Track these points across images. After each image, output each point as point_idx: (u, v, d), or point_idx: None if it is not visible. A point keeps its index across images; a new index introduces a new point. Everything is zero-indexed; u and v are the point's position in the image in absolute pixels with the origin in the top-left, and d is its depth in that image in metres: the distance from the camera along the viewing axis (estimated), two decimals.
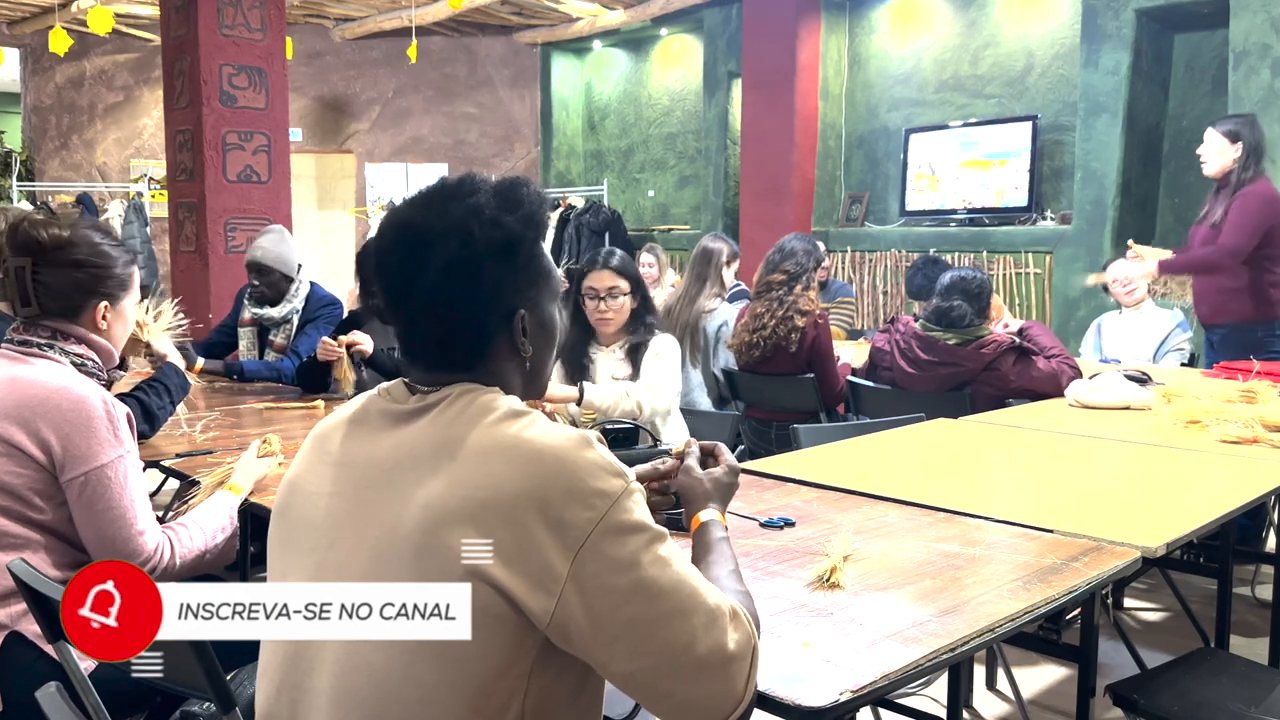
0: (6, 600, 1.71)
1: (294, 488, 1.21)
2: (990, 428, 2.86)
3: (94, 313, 1.92)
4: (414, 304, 1.16)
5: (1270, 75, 5.45)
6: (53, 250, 1.87)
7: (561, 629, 1.03)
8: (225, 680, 1.27)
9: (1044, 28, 6.84)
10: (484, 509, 1.04)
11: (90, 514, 1.75)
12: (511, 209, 1.18)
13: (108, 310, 1.94)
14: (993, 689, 2.95)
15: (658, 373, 3.03)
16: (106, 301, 1.94)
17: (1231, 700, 1.90)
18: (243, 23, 5.31)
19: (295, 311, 3.86)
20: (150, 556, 1.78)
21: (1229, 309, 4.11)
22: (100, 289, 1.92)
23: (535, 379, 1.25)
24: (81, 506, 1.75)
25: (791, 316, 3.81)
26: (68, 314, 1.90)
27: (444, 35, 9.43)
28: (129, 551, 1.76)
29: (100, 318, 1.93)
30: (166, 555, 1.81)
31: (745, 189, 7.84)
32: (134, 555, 1.76)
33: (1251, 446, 2.53)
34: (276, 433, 2.38)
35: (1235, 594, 2.74)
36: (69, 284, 1.89)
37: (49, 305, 1.88)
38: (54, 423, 1.74)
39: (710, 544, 1.30)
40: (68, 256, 1.88)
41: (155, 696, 1.84)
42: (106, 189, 9.08)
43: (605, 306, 3.05)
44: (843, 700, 1.17)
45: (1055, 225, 6.60)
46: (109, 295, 1.94)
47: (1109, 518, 1.88)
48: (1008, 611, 1.41)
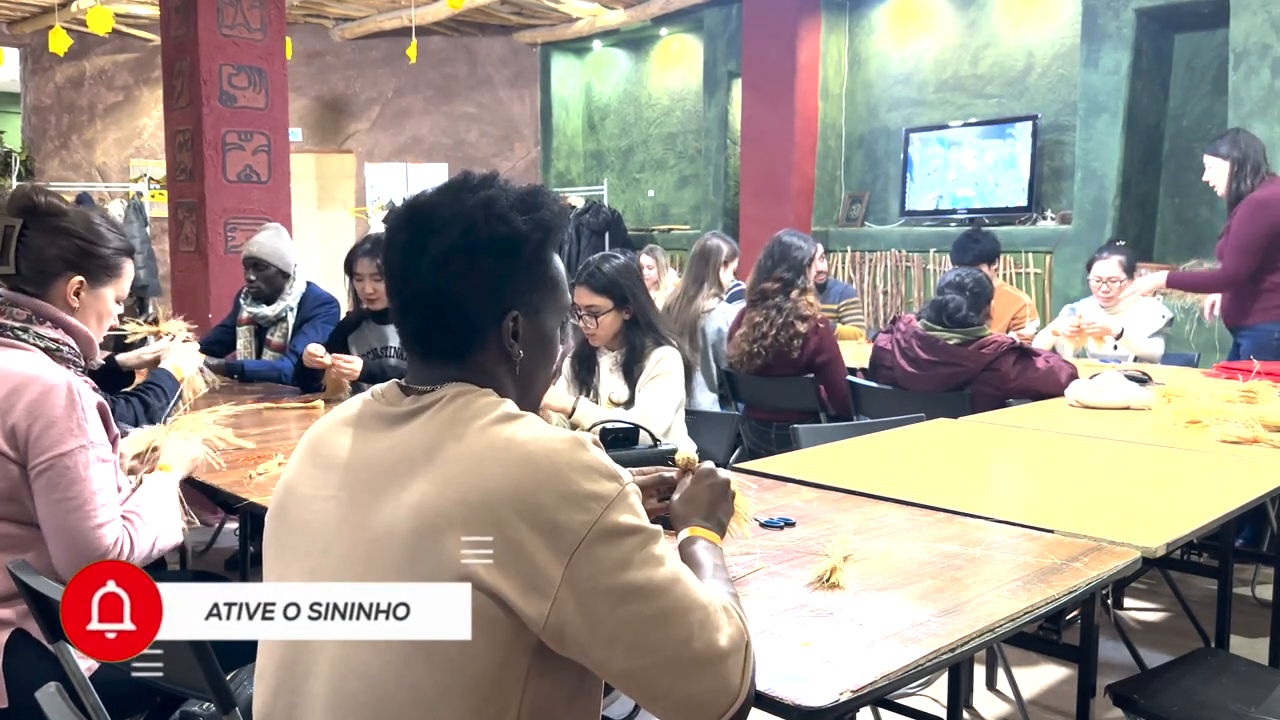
0: (11, 599, 1.71)
1: (289, 491, 1.21)
2: (990, 428, 2.86)
3: (66, 286, 1.87)
4: (410, 286, 1.16)
5: (1270, 75, 5.45)
6: (45, 215, 1.86)
7: (556, 632, 1.03)
8: (225, 680, 1.27)
9: (1044, 28, 6.84)
10: (476, 512, 1.03)
11: (48, 502, 1.71)
12: (525, 210, 1.17)
13: (83, 288, 1.89)
14: (993, 689, 2.95)
15: (653, 400, 2.88)
16: (84, 278, 1.89)
17: (1231, 700, 1.90)
18: (243, 23, 5.30)
19: (290, 310, 3.85)
20: (108, 550, 1.72)
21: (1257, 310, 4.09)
22: (81, 264, 1.88)
23: (528, 389, 1.23)
24: (41, 495, 1.71)
25: (792, 323, 3.78)
26: (41, 282, 1.86)
27: (444, 35, 9.43)
28: (86, 544, 1.71)
29: (72, 293, 1.88)
30: (126, 549, 1.76)
31: (745, 189, 7.84)
32: (91, 547, 1.71)
33: (1251, 446, 2.53)
34: (276, 432, 2.38)
35: (1235, 594, 2.74)
36: (50, 250, 1.85)
37: (25, 269, 1.84)
38: (19, 412, 1.71)
39: (686, 556, 1.31)
40: (57, 223, 1.87)
41: (155, 696, 1.83)
42: (106, 189, 9.07)
43: (585, 324, 2.96)
44: (843, 700, 1.17)
45: (1055, 225, 6.60)
46: (88, 273, 1.89)
47: (1109, 518, 1.88)
48: (1008, 611, 1.41)
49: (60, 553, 1.72)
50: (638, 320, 2.97)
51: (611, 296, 2.93)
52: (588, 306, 2.93)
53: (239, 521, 3.30)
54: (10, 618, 1.73)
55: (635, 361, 2.95)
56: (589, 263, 3.00)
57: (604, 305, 2.93)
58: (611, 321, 2.95)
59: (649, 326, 2.98)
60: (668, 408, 2.90)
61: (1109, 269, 4.37)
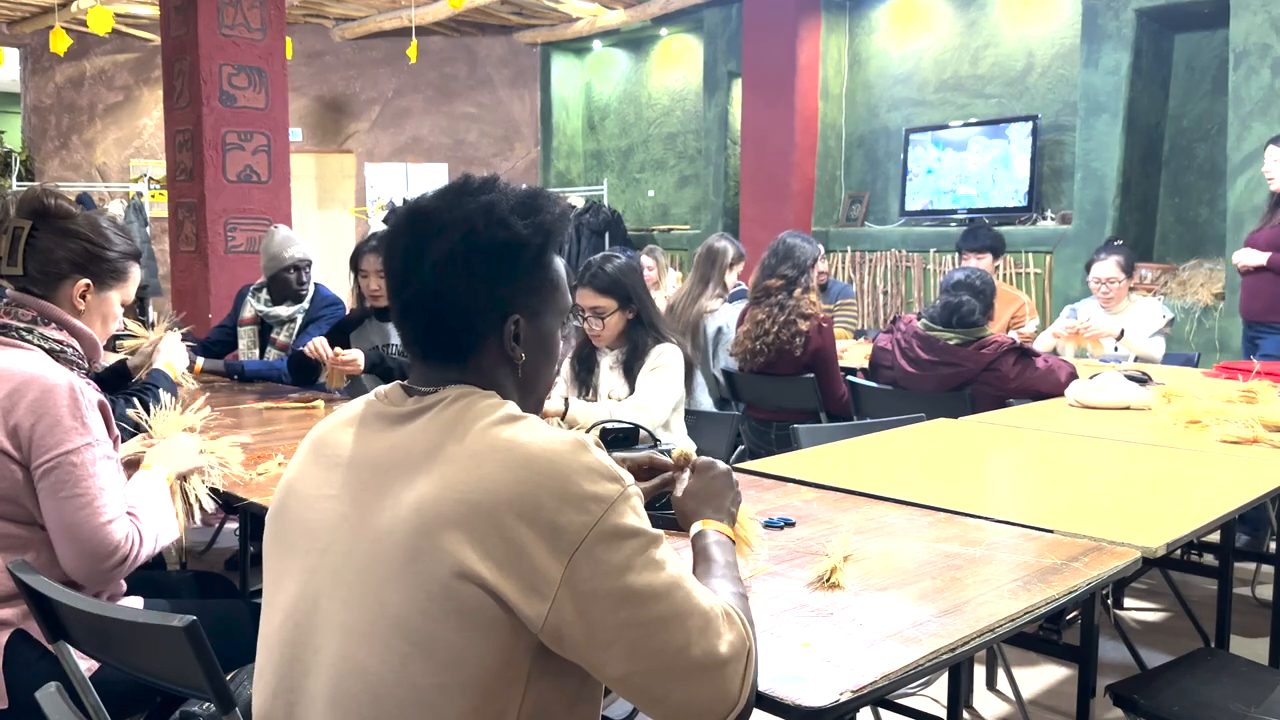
0: (11, 599, 1.71)
1: (290, 490, 1.21)
2: (990, 428, 2.86)
3: (73, 289, 1.89)
4: (410, 290, 1.17)
5: (1270, 75, 5.45)
6: (54, 217, 1.88)
7: (555, 633, 1.03)
8: (225, 680, 1.27)
9: (1044, 28, 6.84)
10: (477, 512, 1.03)
11: (55, 501, 1.70)
12: (525, 214, 1.17)
13: (89, 291, 1.91)
14: (993, 689, 2.95)
15: (650, 390, 2.88)
16: (90, 281, 1.90)
17: (1232, 700, 1.90)
18: (243, 23, 5.31)
19: (302, 310, 3.89)
20: (119, 545, 1.72)
21: None
22: (89, 266, 1.90)
23: (530, 392, 1.23)
24: (47, 494, 1.71)
25: (794, 321, 3.79)
26: (48, 284, 1.87)
27: (444, 35, 9.43)
28: (96, 541, 1.70)
29: (79, 296, 1.89)
30: (136, 545, 1.76)
31: (745, 189, 7.85)
32: (102, 544, 1.71)
33: (1251, 446, 2.53)
34: (276, 432, 2.38)
35: (1235, 594, 2.74)
36: (58, 252, 1.87)
37: (33, 271, 1.86)
38: (22, 412, 1.71)
39: (698, 550, 1.30)
40: (65, 226, 1.88)
41: (155, 696, 1.83)
42: (106, 189, 9.07)
43: (590, 326, 2.95)
44: (843, 700, 1.16)
45: (1055, 225, 6.60)
46: (95, 276, 1.91)
47: (1109, 518, 1.88)
48: (1008, 611, 1.41)
49: (68, 551, 1.71)
50: (640, 319, 2.97)
51: (615, 297, 2.93)
52: (592, 308, 2.93)
53: (239, 521, 3.30)
54: (10, 618, 1.73)
55: (636, 359, 2.94)
56: (591, 263, 2.99)
57: (608, 306, 2.93)
58: (616, 322, 2.95)
59: (651, 325, 2.98)
60: (665, 399, 2.89)
61: (1107, 270, 4.37)
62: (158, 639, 1.30)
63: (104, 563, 1.71)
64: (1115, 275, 4.35)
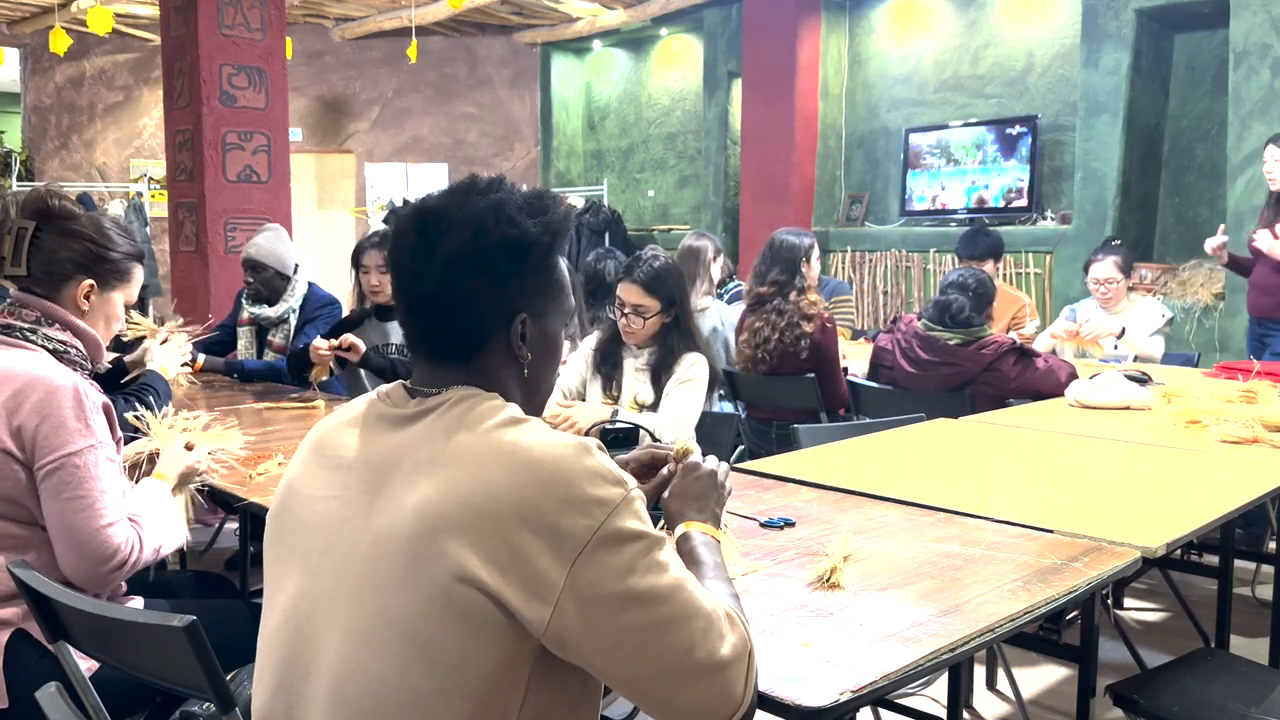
0: (11, 599, 1.71)
1: (291, 490, 1.21)
2: (990, 428, 2.86)
3: (77, 289, 1.89)
4: (418, 289, 1.16)
5: (1270, 75, 5.45)
6: (58, 218, 1.88)
7: (558, 637, 1.03)
8: (225, 680, 1.27)
9: (1044, 28, 6.84)
10: (479, 516, 1.03)
11: (56, 502, 1.70)
12: (532, 213, 1.17)
13: (93, 292, 1.91)
14: (993, 689, 2.95)
15: (682, 405, 2.83)
16: (94, 281, 1.91)
17: (1232, 700, 1.90)
18: (243, 23, 5.31)
19: (292, 311, 3.86)
20: (118, 549, 1.72)
21: None
22: (92, 267, 1.90)
23: (534, 393, 1.23)
24: (49, 495, 1.71)
25: (798, 324, 3.77)
26: (51, 284, 1.87)
27: (444, 35, 9.43)
28: (96, 544, 1.70)
29: (82, 296, 1.90)
30: (136, 549, 1.75)
31: (745, 189, 7.85)
32: (101, 547, 1.71)
33: (1251, 446, 2.53)
34: (276, 432, 2.38)
35: (1235, 594, 2.74)
36: (62, 253, 1.87)
37: (36, 271, 1.86)
38: (26, 412, 1.71)
39: (685, 552, 1.29)
40: (69, 226, 1.88)
41: (155, 696, 1.83)
42: (106, 189, 9.07)
43: (627, 321, 2.91)
44: (843, 700, 1.16)
45: (1055, 225, 6.60)
46: (98, 277, 1.91)
47: (1109, 518, 1.88)
48: (1008, 611, 1.41)
49: (67, 553, 1.71)
50: (678, 324, 2.93)
51: (660, 298, 2.88)
52: (635, 305, 2.88)
53: (239, 521, 3.30)
54: (11, 618, 1.73)
55: (665, 366, 2.90)
56: (640, 257, 2.94)
57: (652, 306, 2.88)
58: (655, 323, 2.90)
59: (687, 333, 2.94)
60: (694, 413, 2.86)
61: (1105, 270, 4.37)
62: (158, 639, 1.30)
63: (102, 566, 1.71)
64: (1113, 276, 4.35)
